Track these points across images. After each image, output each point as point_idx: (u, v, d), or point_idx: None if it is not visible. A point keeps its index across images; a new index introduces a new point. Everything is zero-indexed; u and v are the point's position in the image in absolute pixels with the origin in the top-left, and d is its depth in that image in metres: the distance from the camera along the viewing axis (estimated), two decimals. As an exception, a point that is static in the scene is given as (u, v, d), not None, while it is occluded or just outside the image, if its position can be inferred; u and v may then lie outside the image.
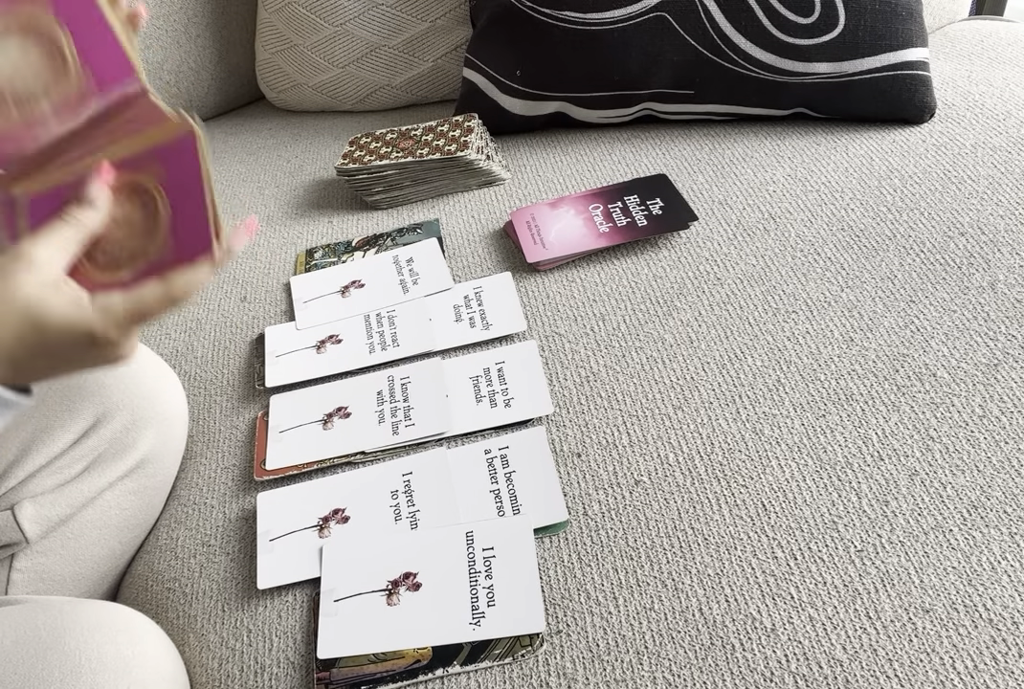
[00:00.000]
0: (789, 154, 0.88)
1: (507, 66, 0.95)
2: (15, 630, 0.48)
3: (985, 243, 0.72)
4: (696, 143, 0.93)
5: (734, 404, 0.63)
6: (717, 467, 0.59)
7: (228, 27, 1.23)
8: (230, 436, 0.70)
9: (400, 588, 0.55)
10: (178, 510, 0.66)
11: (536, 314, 0.74)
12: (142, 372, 0.65)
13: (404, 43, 1.10)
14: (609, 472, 0.60)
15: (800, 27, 0.86)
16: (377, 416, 0.67)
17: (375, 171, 0.92)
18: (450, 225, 0.88)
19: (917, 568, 0.51)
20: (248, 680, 0.54)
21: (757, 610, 0.50)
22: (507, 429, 0.64)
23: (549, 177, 0.93)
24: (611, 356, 0.69)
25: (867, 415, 0.60)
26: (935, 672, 0.46)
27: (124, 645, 0.49)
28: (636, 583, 0.53)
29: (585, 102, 0.96)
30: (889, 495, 0.55)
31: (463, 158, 0.90)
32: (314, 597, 0.56)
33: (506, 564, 0.55)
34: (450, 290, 0.79)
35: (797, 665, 0.48)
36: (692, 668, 0.49)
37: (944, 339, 0.64)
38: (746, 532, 0.55)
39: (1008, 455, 0.56)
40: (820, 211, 0.79)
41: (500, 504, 0.59)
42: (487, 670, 0.51)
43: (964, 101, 0.91)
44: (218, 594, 0.59)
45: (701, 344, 0.68)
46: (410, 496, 0.61)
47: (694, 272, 0.75)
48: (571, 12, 0.89)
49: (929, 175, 0.81)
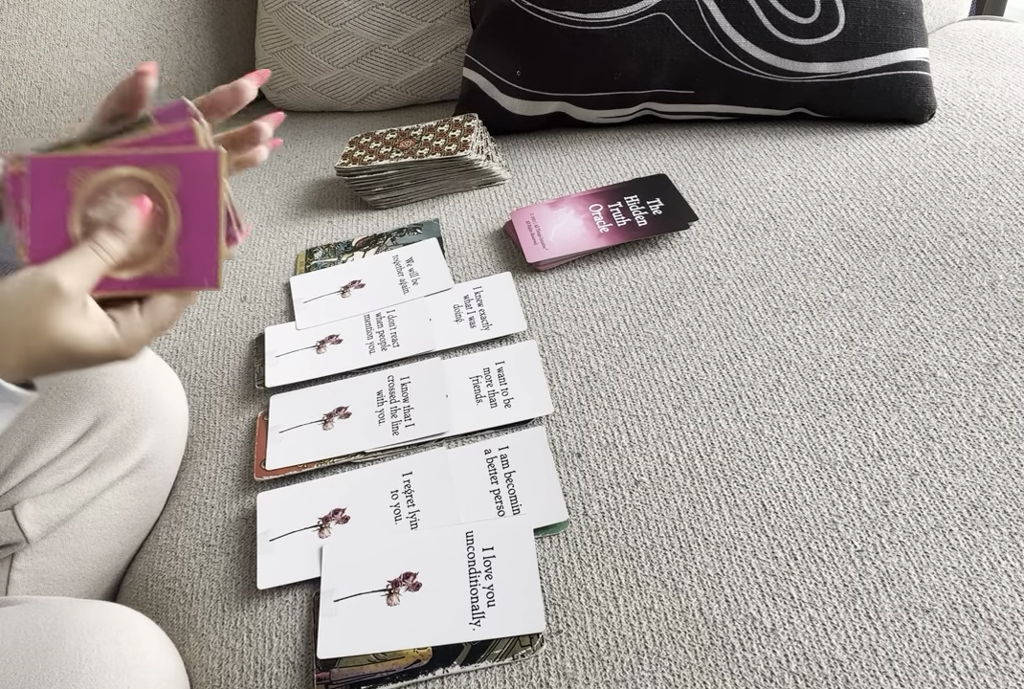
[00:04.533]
0: (789, 154, 0.88)
1: (507, 66, 0.95)
2: (15, 630, 0.48)
3: (985, 243, 0.72)
4: (696, 143, 0.93)
5: (734, 404, 0.63)
6: (717, 467, 0.59)
7: (228, 27, 1.23)
8: (230, 436, 0.70)
9: (400, 588, 0.55)
10: (178, 510, 0.66)
11: (536, 314, 0.74)
12: (142, 372, 0.65)
13: (404, 43, 1.10)
14: (609, 472, 0.60)
15: (800, 27, 0.87)
16: (377, 416, 0.67)
17: (375, 171, 0.92)
18: (450, 225, 0.88)
19: (917, 568, 0.51)
20: (248, 680, 0.54)
21: (757, 610, 0.50)
22: (507, 429, 0.64)
23: (549, 177, 0.93)
24: (611, 356, 0.69)
25: (867, 415, 0.60)
26: (935, 672, 0.46)
27: (124, 646, 0.49)
28: (636, 583, 0.53)
29: (585, 102, 0.96)
30: (889, 495, 0.55)
31: (463, 158, 0.90)
32: (314, 597, 0.56)
33: (506, 564, 0.55)
34: (450, 290, 0.79)
35: (797, 665, 0.48)
36: (692, 668, 0.49)
37: (944, 339, 0.64)
38: (746, 532, 0.55)
39: (1008, 455, 0.56)
40: (820, 211, 0.79)
41: (500, 504, 0.59)
42: (487, 670, 0.51)
43: (964, 101, 0.91)
44: (218, 594, 0.59)
45: (701, 344, 0.68)
46: (410, 496, 0.61)
47: (694, 272, 0.75)
48: (571, 12, 0.89)
49: (929, 175, 0.81)
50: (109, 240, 0.44)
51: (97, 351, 0.43)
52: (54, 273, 0.42)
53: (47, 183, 0.46)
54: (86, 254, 0.43)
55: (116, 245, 0.44)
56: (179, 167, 0.45)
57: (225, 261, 0.47)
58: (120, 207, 0.45)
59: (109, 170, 0.46)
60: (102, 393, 0.61)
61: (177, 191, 0.46)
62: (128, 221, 0.45)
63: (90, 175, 0.46)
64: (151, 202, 0.45)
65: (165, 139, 0.46)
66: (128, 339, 0.44)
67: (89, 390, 0.61)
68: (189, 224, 0.46)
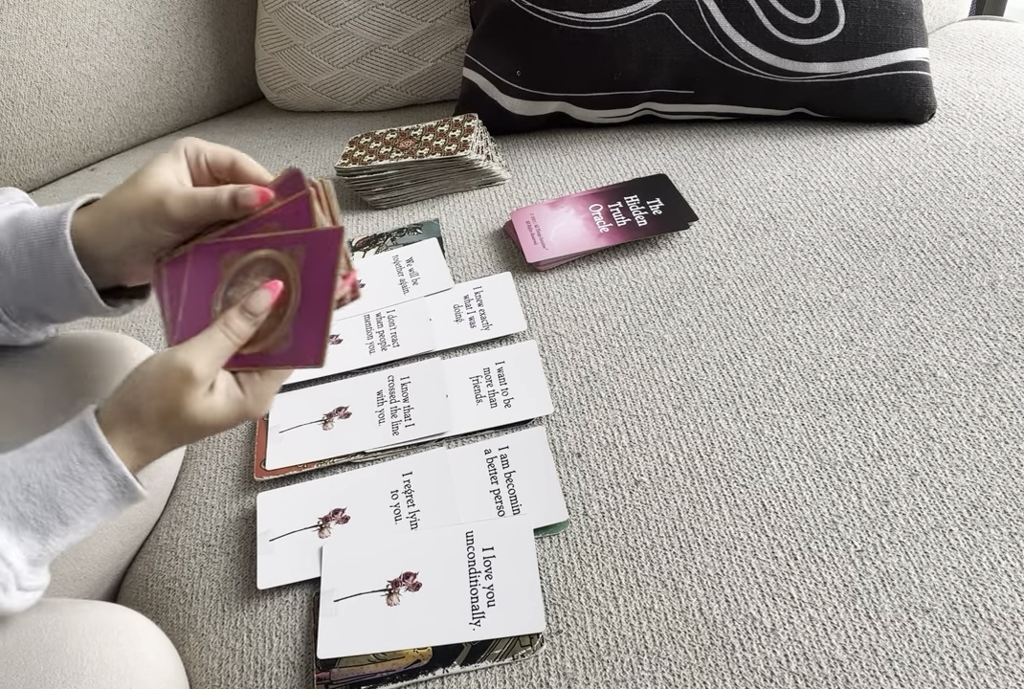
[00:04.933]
0: (789, 154, 0.88)
1: (507, 66, 0.95)
2: (17, 631, 0.48)
3: (985, 243, 0.72)
4: (696, 143, 0.93)
5: (734, 404, 0.63)
6: (717, 467, 0.59)
7: (228, 27, 1.23)
8: (230, 436, 0.70)
9: (400, 588, 0.55)
10: (178, 510, 0.66)
11: (536, 314, 0.74)
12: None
13: (404, 43, 1.10)
14: (609, 472, 0.60)
15: (800, 27, 0.86)
16: (377, 416, 0.67)
17: (375, 171, 0.92)
18: (450, 225, 0.88)
19: (917, 568, 0.51)
20: (248, 680, 0.54)
21: (757, 610, 0.50)
22: (507, 429, 0.64)
23: (549, 177, 0.93)
24: (611, 356, 0.69)
25: (867, 415, 0.60)
26: (935, 672, 0.46)
27: (126, 647, 0.49)
28: (636, 583, 0.53)
29: (585, 102, 0.96)
30: (889, 495, 0.55)
31: (463, 158, 0.90)
32: (314, 597, 0.56)
33: (506, 564, 0.55)
34: (450, 290, 0.79)
35: (797, 665, 0.48)
36: (692, 668, 0.49)
37: (944, 339, 0.64)
38: (746, 532, 0.55)
39: (1008, 455, 0.56)
40: (820, 211, 0.79)
41: (500, 504, 0.59)
42: (487, 670, 0.51)
43: (964, 101, 0.91)
44: (218, 594, 0.59)
45: (701, 344, 0.68)
46: (410, 496, 0.61)
47: (694, 272, 0.75)
48: (571, 12, 0.89)
49: (929, 175, 0.81)
50: (239, 321, 0.47)
51: (228, 418, 0.46)
52: (188, 359, 0.45)
53: (203, 266, 0.49)
54: (217, 337, 0.46)
55: (245, 327, 0.47)
56: (306, 247, 0.47)
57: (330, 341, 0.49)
58: (254, 288, 0.47)
59: (252, 252, 0.48)
60: (105, 394, 0.61)
61: (301, 269, 0.47)
62: (259, 303, 0.47)
63: (236, 257, 0.49)
64: (281, 284, 0.47)
65: (287, 211, 0.48)
66: (254, 396, 0.47)
67: (94, 391, 0.61)
68: (305, 301, 0.47)
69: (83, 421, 0.45)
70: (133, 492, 0.45)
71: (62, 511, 0.43)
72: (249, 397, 0.47)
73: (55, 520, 0.43)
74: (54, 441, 0.44)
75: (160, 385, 0.45)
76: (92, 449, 0.43)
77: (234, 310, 0.47)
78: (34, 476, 0.42)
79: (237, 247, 0.49)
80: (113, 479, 0.44)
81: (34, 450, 0.44)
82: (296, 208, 0.48)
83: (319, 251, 0.47)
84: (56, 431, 0.45)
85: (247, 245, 0.49)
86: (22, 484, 0.42)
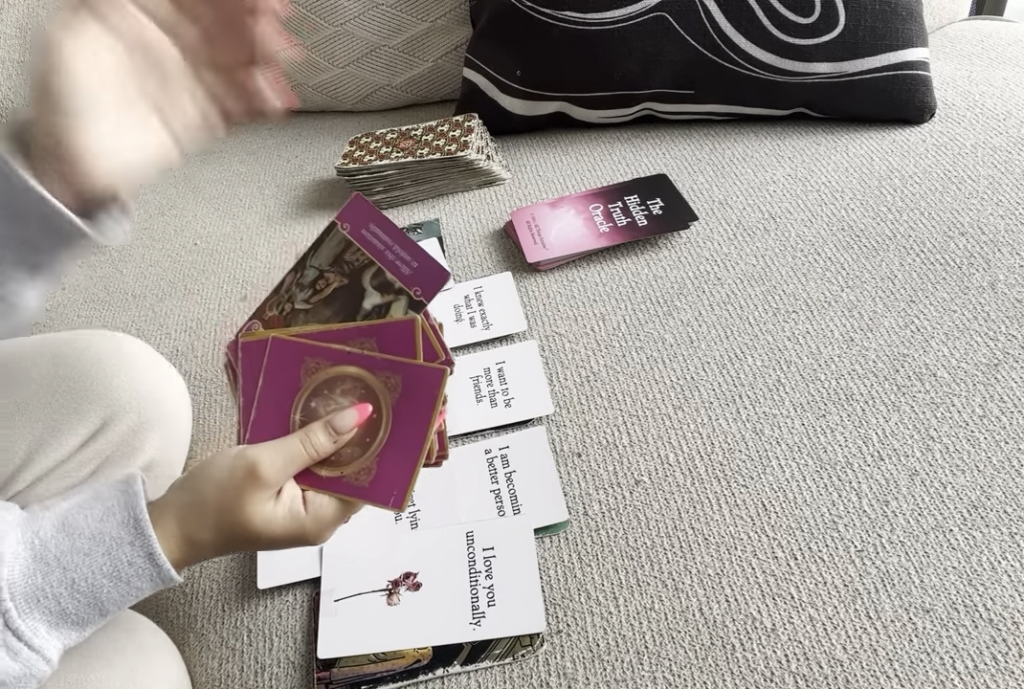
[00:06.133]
0: (789, 154, 0.88)
1: (507, 66, 0.95)
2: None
3: (985, 243, 0.72)
4: (696, 143, 0.93)
5: (734, 404, 0.63)
6: (717, 467, 0.59)
7: (228, 27, 1.23)
8: (230, 436, 0.70)
9: (400, 588, 0.55)
10: (178, 510, 0.66)
11: (536, 314, 0.74)
12: (147, 373, 0.64)
13: (404, 43, 1.10)
14: (609, 472, 0.60)
15: (800, 27, 0.86)
16: (377, 416, 0.67)
17: (375, 171, 0.92)
18: (450, 225, 0.88)
19: (917, 568, 0.51)
20: (248, 680, 0.54)
21: (757, 610, 0.50)
22: (507, 429, 0.64)
23: (549, 177, 0.93)
24: (611, 356, 0.69)
25: (867, 415, 0.60)
26: (935, 672, 0.46)
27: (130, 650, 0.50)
28: (636, 583, 0.53)
29: (585, 102, 0.96)
30: (889, 495, 0.55)
31: (463, 158, 0.90)
32: (314, 597, 0.56)
33: (506, 564, 0.55)
34: (450, 290, 0.79)
35: (797, 665, 0.48)
36: (692, 668, 0.49)
37: (944, 339, 0.64)
38: (746, 532, 0.55)
39: (1008, 455, 0.56)
40: (820, 211, 0.79)
41: (500, 504, 0.59)
42: (487, 670, 0.51)
43: (964, 101, 0.91)
44: (218, 594, 0.59)
45: (701, 344, 0.68)
46: (410, 496, 0.61)
47: (694, 272, 0.75)
48: (571, 12, 0.89)
49: (929, 175, 0.81)
50: (322, 437, 0.44)
51: (285, 534, 0.43)
52: (258, 458, 0.42)
53: (282, 365, 0.46)
54: (294, 446, 0.44)
55: (327, 443, 0.44)
56: (402, 378, 0.44)
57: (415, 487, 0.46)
58: (342, 406, 0.45)
59: (340, 367, 0.46)
60: (109, 395, 0.61)
61: (395, 403, 0.45)
62: (346, 423, 0.44)
63: (322, 367, 0.46)
64: (371, 408, 0.45)
65: (387, 330, 0.45)
66: (315, 520, 0.44)
67: (96, 392, 0.60)
68: (395, 438, 0.45)
69: (135, 517, 0.41)
70: (171, 583, 0.43)
71: (104, 607, 0.41)
72: (311, 519, 0.44)
73: (96, 614, 0.41)
74: (102, 533, 0.41)
75: (226, 477, 0.43)
76: (143, 553, 0.41)
77: (318, 424, 0.44)
78: (80, 571, 0.40)
79: (324, 355, 0.46)
80: (160, 580, 0.42)
81: (80, 537, 0.41)
82: (400, 331, 0.45)
83: (419, 387, 0.44)
84: (104, 515, 0.42)
85: (335, 356, 0.46)
86: (67, 578, 0.40)
